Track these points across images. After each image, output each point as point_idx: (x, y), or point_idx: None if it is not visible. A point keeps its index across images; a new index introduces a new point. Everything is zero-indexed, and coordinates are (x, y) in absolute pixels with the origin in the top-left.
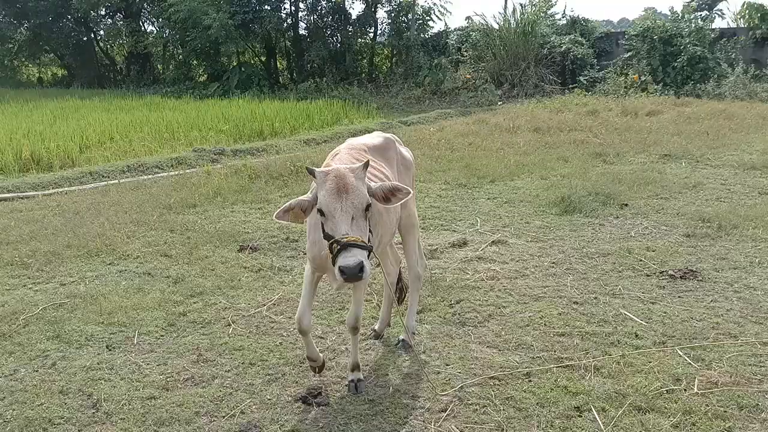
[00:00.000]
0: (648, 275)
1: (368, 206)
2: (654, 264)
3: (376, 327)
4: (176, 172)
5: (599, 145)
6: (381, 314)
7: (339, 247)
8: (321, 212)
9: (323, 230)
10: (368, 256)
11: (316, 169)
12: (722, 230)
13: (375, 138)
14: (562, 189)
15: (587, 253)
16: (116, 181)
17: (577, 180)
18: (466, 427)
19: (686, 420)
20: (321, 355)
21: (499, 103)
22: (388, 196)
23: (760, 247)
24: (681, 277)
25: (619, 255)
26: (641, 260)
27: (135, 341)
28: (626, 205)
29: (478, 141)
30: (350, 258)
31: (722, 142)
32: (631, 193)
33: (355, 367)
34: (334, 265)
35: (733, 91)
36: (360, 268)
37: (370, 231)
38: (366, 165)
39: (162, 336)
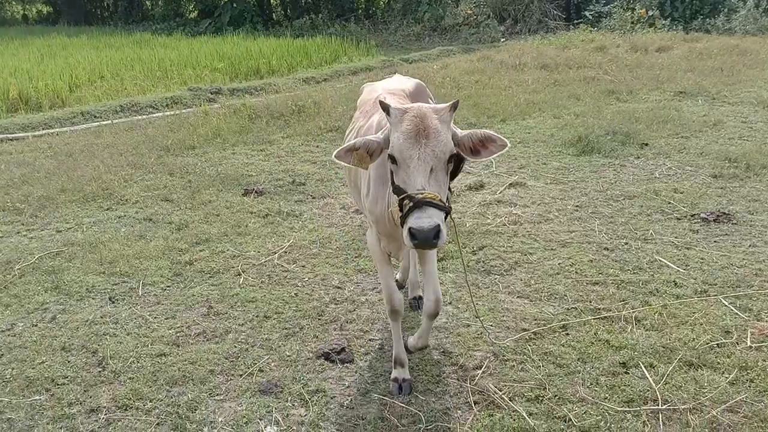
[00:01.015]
0: (679, 219)
1: (452, 157)
2: (684, 207)
3: (398, 276)
4: (172, 112)
5: (610, 83)
6: (402, 263)
7: (412, 204)
8: (392, 159)
9: (392, 181)
10: (445, 218)
11: (392, 106)
12: (751, 170)
13: (407, 82)
14: (578, 128)
15: (612, 195)
16: (109, 121)
17: (592, 119)
18: (505, 385)
19: (743, 376)
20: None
21: (502, 39)
22: (478, 147)
23: None
24: (714, 220)
25: (645, 197)
26: (670, 203)
27: (140, 293)
28: (646, 144)
29: (485, 79)
30: (425, 219)
31: (737, 78)
32: (650, 132)
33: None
34: (402, 226)
35: (743, 26)
36: (436, 232)
37: (449, 189)
38: (455, 106)
39: (168, 287)
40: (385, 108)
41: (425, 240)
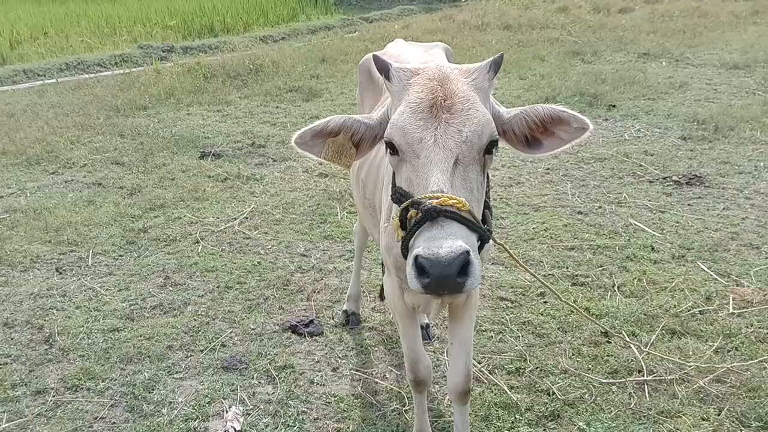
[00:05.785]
0: (651, 181)
1: (491, 145)
2: (655, 169)
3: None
4: (121, 71)
5: (574, 44)
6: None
7: (420, 215)
8: (392, 147)
9: (393, 184)
10: (480, 246)
11: (395, 64)
12: (719, 132)
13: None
14: (544, 89)
15: (582, 158)
16: (54, 80)
17: (558, 80)
18: (484, 357)
19: (728, 344)
20: None
21: None
22: (537, 134)
23: (761, 150)
24: (687, 183)
25: (616, 160)
26: (641, 165)
27: (89, 263)
28: (614, 106)
29: (448, 39)
30: (441, 240)
31: (699, 40)
32: (617, 93)
33: None
34: (406, 253)
35: None
36: (461, 262)
37: (488, 201)
38: (497, 64)
39: (121, 256)
40: (383, 68)
41: (442, 277)
